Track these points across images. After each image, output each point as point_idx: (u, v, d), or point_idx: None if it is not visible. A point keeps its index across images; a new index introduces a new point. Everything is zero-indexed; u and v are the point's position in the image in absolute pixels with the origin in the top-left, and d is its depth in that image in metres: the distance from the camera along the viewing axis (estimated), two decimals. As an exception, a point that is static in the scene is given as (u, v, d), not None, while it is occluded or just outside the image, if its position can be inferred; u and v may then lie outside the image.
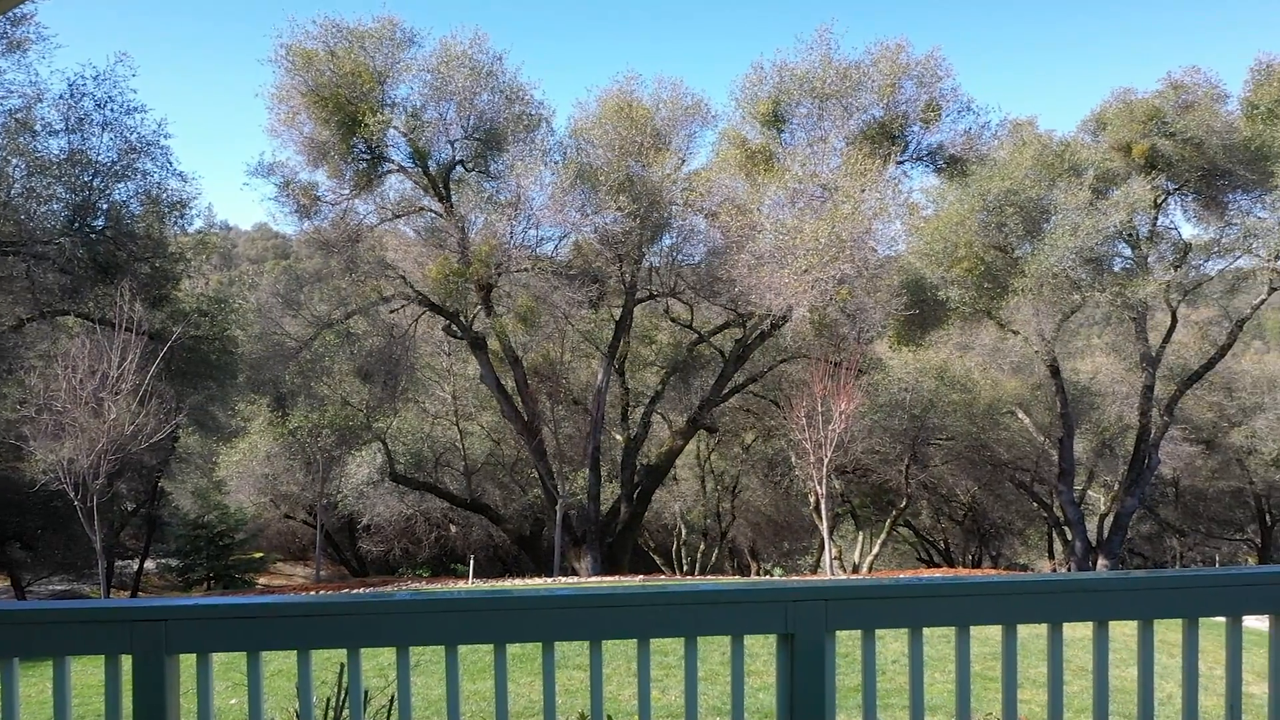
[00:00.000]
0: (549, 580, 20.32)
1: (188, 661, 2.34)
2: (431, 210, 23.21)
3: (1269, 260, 22.91)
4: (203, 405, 24.43)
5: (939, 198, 23.50)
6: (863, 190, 19.60)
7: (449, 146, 22.05)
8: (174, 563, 27.04)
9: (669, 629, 2.38)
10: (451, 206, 22.03)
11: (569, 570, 23.69)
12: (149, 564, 27.81)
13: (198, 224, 23.71)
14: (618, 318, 24.34)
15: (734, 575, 30.85)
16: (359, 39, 20.81)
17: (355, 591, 17.09)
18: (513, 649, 8.68)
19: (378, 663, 8.43)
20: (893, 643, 8.66)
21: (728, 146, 23.61)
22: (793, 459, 25.29)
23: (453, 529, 29.22)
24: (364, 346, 24.28)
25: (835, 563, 25.70)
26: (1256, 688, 6.42)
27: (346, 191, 22.56)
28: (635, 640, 2.42)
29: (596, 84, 30.61)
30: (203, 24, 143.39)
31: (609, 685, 7.99)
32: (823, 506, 20.69)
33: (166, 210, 21.00)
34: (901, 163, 22.86)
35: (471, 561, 23.31)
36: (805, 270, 19.22)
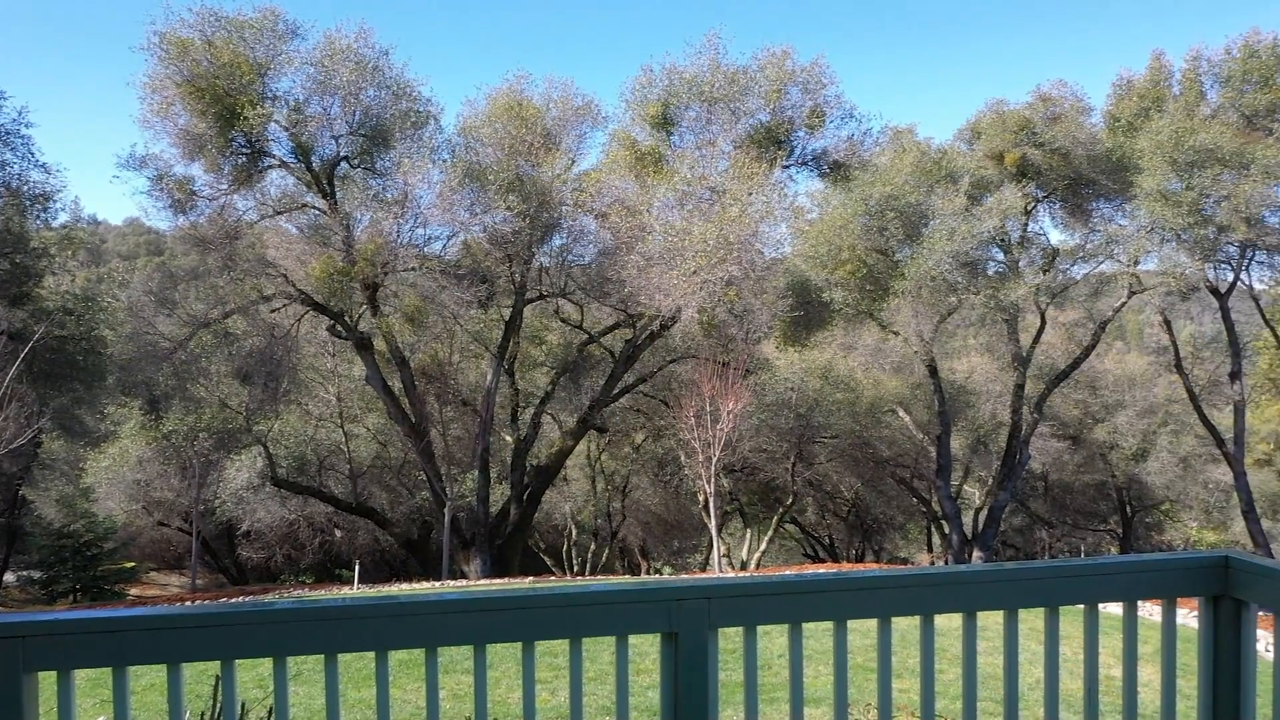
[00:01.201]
0: (436, 584, 20.04)
1: (49, 679, 2.23)
2: (315, 207, 22.62)
3: (1129, 265, 24.19)
4: (68, 408, 23.29)
5: (823, 202, 24.09)
6: (750, 193, 19.91)
7: (333, 142, 21.52)
8: (37, 575, 25.67)
9: (553, 631, 2.38)
10: (336, 203, 21.51)
11: (458, 573, 23.40)
12: (9, 576, 26.35)
13: (63, 218, 22.59)
14: (507, 318, 24.16)
15: (624, 575, 30.97)
16: (238, 29, 20.12)
17: (231, 600, 16.52)
18: (400, 655, 8.53)
19: (257, 673, 8.17)
20: (779, 638, 8.83)
21: (618, 148, 23.68)
22: (682, 458, 25.54)
23: (338, 534, 28.52)
24: (243, 347, 23.48)
25: (724, 560, 26.06)
26: (1118, 670, 6.77)
27: (225, 186, 21.79)
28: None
29: (486, 82, 30.36)
30: (70, 7, 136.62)
31: (498, 688, 7.93)
32: (711, 505, 20.93)
33: (28, 203, 19.97)
34: (787, 167, 23.32)
35: (357, 567, 22.80)
36: (694, 271, 19.42)
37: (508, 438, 25.87)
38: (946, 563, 27.88)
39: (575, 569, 32.21)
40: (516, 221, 21.15)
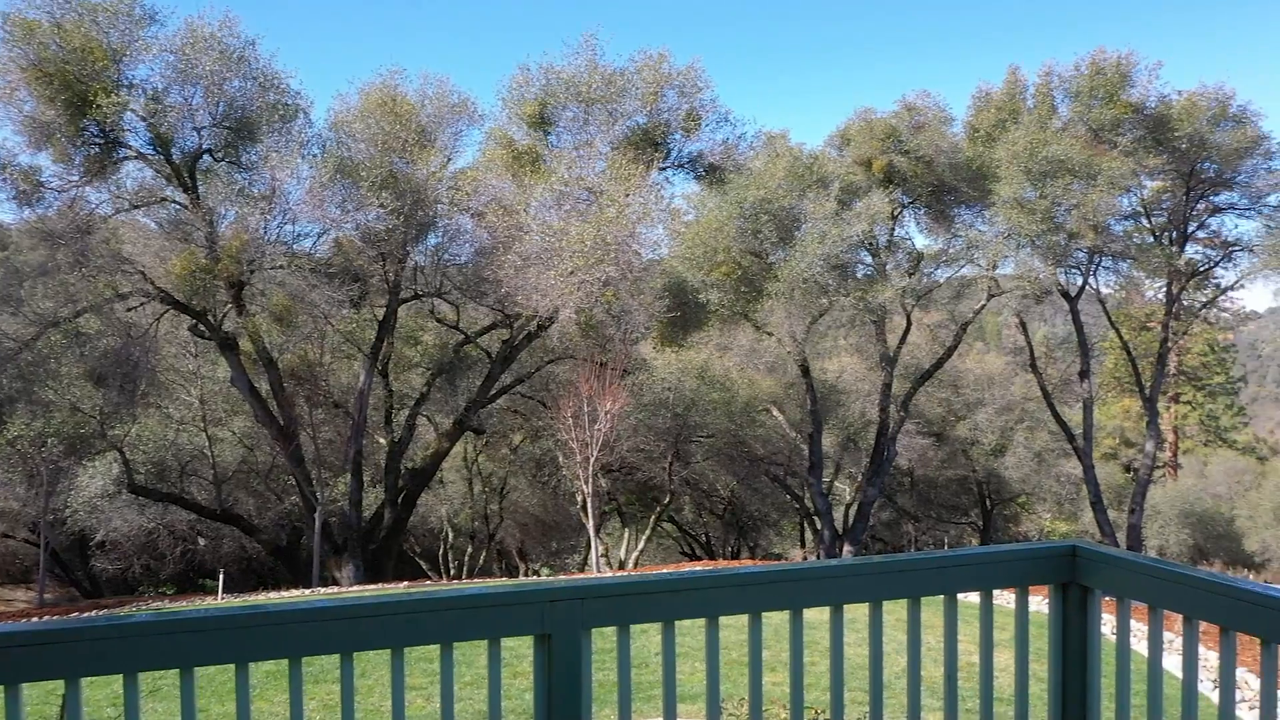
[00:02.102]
0: (305, 592, 19.45)
1: None
2: (175, 201, 21.62)
3: (988, 269, 25.34)
4: (-102, 414, 21.66)
5: (699, 204, 24.41)
6: (627, 195, 20.01)
7: (195, 134, 20.62)
8: None
9: (423, 636, 2.33)
10: (198, 198, 20.62)
11: (329, 580, 22.77)
12: None
13: (-108, 209, 21.00)
14: (381, 318, 23.63)
15: (502, 577, 30.70)
16: (90, 12, 19.06)
17: (81, 615, 15.66)
18: (267, 666, 8.25)
19: (112, 690, 7.78)
20: (656, 635, 8.90)
21: (494, 146, 23.47)
22: (560, 459, 25.48)
23: (201, 542, 27.37)
24: (97, 347, 22.26)
25: (602, 560, 26.08)
26: (978, 656, 7.05)
27: (76, 178, 20.61)
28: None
29: (358, 77, 29.51)
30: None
31: (371, 697, 7.76)
32: (589, 505, 20.95)
33: None
34: (664, 169, 23.54)
35: (222, 576, 21.93)
36: (571, 272, 19.40)
37: (381, 440, 25.33)
38: (818, 557, 28.60)
39: (451, 573, 31.76)
40: (390, 219, 20.71)
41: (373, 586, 20.33)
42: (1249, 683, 8.46)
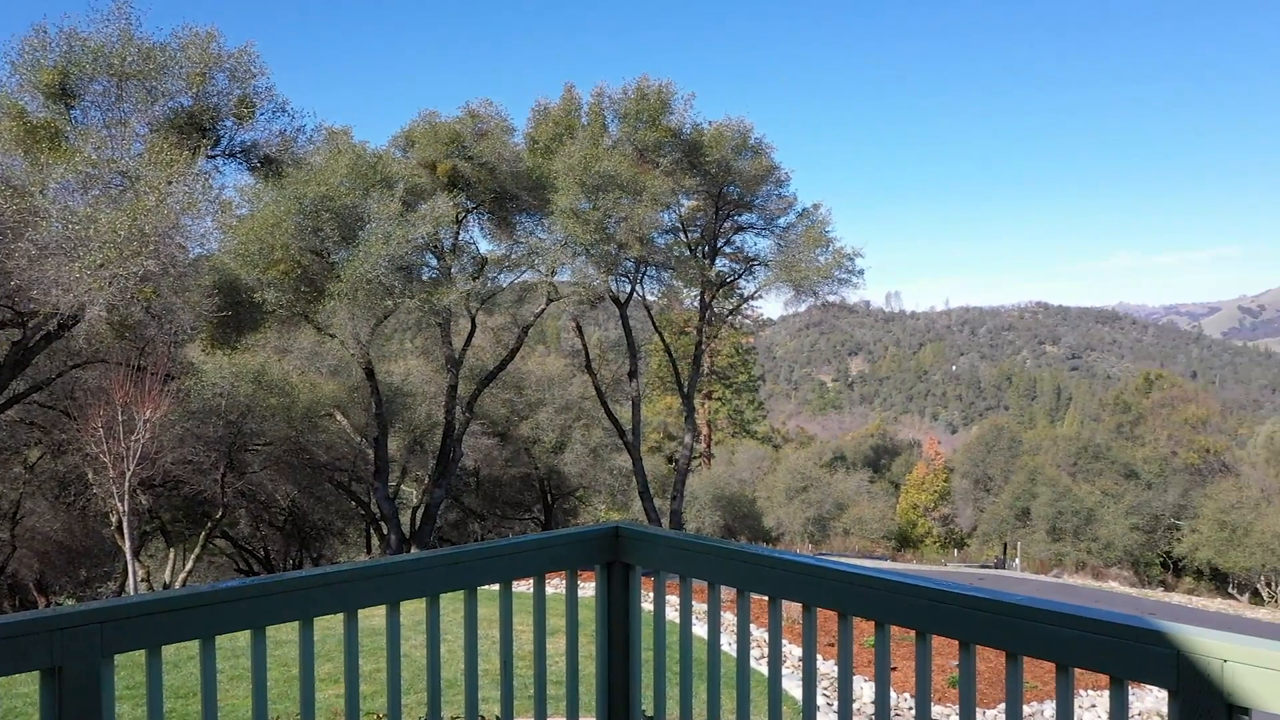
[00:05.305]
0: None
1: None
2: None
3: (547, 275, 26.55)
4: None
5: (254, 197, 22.95)
6: (169, 182, 18.26)
7: None
8: None
9: None
10: None
11: None
12: None
13: None
14: None
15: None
16: None
17: None
18: None
19: None
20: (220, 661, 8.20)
21: (2, 117, 20.26)
22: (90, 475, 22.67)
23: None
24: None
25: (143, 585, 23.59)
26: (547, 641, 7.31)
27: None
28: None
29: None
30: None
31: None
32: (126, 525, 18.88)
33: None
34: (213, 157, 21.82)
35: None
36: (101, 265, 17.30)
37: None
38: (385, 563, 28.14)
39: (-53, 616, 26.94)
40: None
41: None
42: (766, 639, 9.67)
